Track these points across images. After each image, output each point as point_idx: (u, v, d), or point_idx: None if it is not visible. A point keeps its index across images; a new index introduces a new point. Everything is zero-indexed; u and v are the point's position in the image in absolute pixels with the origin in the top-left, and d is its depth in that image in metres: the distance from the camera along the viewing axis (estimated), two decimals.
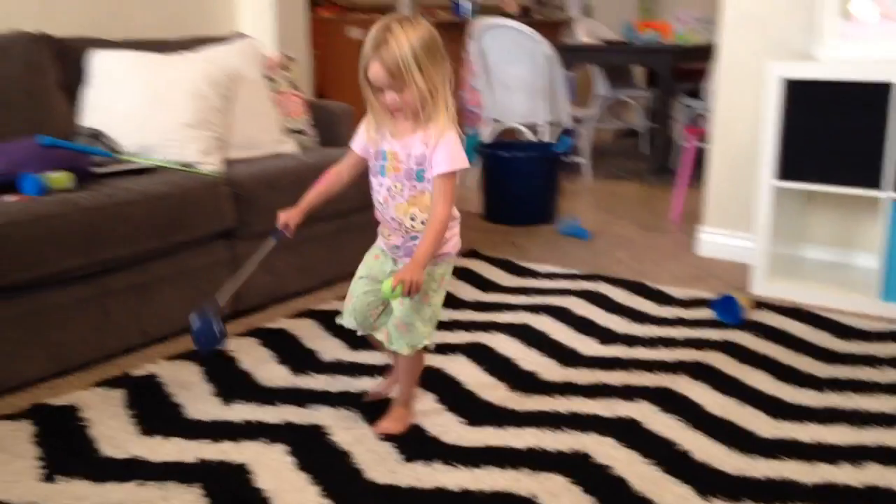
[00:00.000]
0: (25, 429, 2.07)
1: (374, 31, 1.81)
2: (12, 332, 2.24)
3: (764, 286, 3.14)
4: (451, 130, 1.88)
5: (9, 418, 2.12)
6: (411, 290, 1.82)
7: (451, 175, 1.88)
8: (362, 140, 1.99)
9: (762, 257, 3.14)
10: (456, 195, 1.92)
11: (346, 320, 2.09)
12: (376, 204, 1.99)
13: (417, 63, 1.78)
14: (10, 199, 2.35)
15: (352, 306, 2.06)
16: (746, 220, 3.48)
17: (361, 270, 2.07)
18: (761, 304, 2.98)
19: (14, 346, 2.25)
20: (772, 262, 3.15)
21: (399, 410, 2.13)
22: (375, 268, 2.04)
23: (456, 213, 1.98)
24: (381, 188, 1.96)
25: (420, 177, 1.91)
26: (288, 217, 2.03)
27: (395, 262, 2.01)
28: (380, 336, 2.07)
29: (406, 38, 1.78)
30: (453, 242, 2.00)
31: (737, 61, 3.45)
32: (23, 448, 1.99)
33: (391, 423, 2.10)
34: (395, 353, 2.06)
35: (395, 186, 1.93)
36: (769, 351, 2.59)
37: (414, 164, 1.90)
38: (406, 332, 1.98)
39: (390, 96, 1.83)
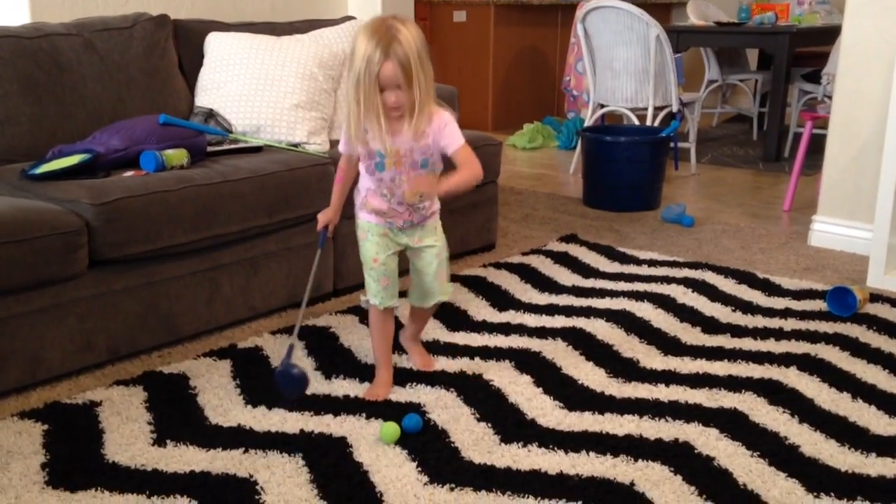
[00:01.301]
0: (138, 394, 2.17)
1: (377, 33, 1.88)
2: (128, 303, 2.35)
3: (881, 278, 3.00)
4: (443, 111, 2.01)
5: (123, 384, 2.22)
6: (423, 196, 2.01)
7: (466, 143, 2.03)
8: (349, 143, 2.08)
9: (880, 248, 2.99)
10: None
11: (392, 301, 2.17)
12: (377, 196, 2.08)
13: (420, 59, 1.89)
14: (129, 174, 2.45)
15: (390, 288, 2.15)
16: (864, 210, 3.32)
17: (375, 251, 2.13)
18: (877, 297, 2.85)
19: (129, 316, 2.36)
20: (890, 253, 3.00)
21: (422, 347, 2.37)
22: (389, 245, 2.14)
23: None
24: (380, 183, 2.06)
25: (424, 164, 2.04)
26: (327, 218, 2.18)
27: (403, 232, 2.13)
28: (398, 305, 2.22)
29: (411, 36, 1.89)
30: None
31: (862, 44, 3.29)
32: (136, 412, 2.08)
33: (430, 359, 2.34)
34: (422, 310, 2.26)
35: (397, 178, 2.04)
36: (885, 345, 2.48)
37: (419, 155, 2.02)
38: (445, 281, 2.19)
39: (395, 95, 1.91)
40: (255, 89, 2.98)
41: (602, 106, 4.89)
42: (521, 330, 2.60)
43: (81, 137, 2.67)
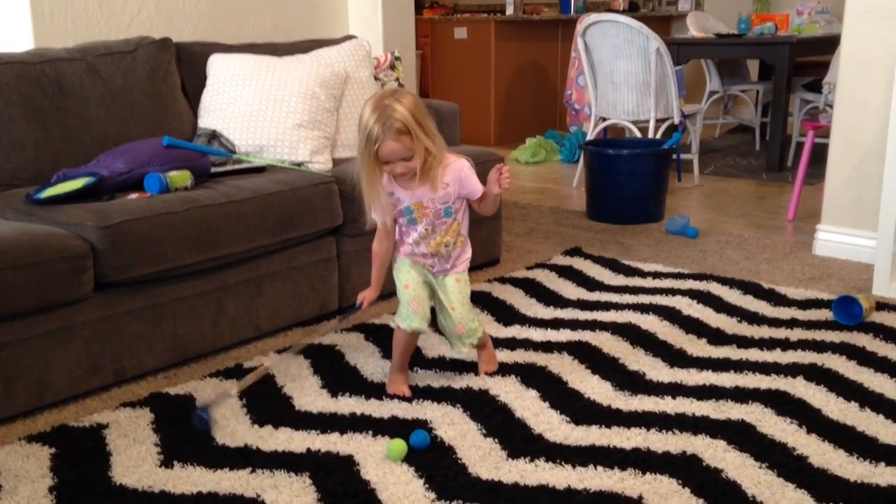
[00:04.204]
0: (145, 416, 2.17)
1: (374, 113, 1.99)
2: (134, 325, 2.35)
3: (886, 286, 2.99)
4: (461, 159, 2.14)
5: (130, 405, 2.23)
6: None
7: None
8: (382, 213, 2.16)
9: (885, 256, 2.99)
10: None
11: (418, 324, 2.23)
12: (407, 244, 2.21)
13: (419, 124, 1.99)
14: (133, 196, 2.46)
15: (419, 311, 2.22)
16: (868, 218, 3.32)
17: (408, 279, 2.22)
18: (883, 306, 2.84)
19: (135, 338, 2.36)
20: (895, 261, 2.99)
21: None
22: (419, 271, 2.24)
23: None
24: (414, 233, 2.19)
25: (448, 213, 2.17)
26: (365, 297, 2.26)
27: (426, 270, 2.25)
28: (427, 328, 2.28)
29: (403, 107, 1.98)
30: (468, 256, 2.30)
31: (862, 54, 3.29)
32: (142, 434, 2.08)
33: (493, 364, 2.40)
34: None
35: (427, 229, 2.17)
36: (892, 353, 2.47)
37: (440, 204, 2.15)
38: (466, 333, 2.26)
39: (401, 166, 2.04)
40: (258, 110, 3.00)
41: (604, 119, 4.90)
42: (527, 344, 2.60)
43: (86, 161, 2.68)
